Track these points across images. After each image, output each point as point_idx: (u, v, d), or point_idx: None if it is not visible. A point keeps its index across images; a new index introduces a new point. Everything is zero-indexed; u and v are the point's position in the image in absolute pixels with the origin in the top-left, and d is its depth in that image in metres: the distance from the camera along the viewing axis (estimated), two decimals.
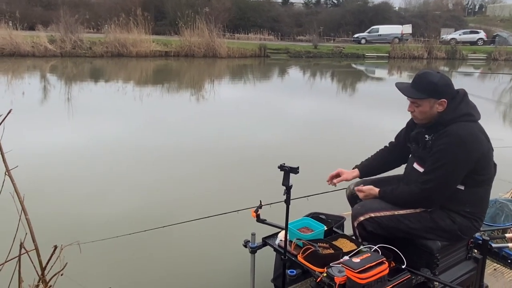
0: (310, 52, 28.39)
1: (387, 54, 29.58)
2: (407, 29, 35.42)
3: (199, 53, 23.87)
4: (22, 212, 1.54)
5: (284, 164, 2.13)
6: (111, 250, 3.39)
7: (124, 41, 22.01)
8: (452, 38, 34.53)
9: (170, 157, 6.14)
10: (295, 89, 14.55)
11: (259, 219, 2.45)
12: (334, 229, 2.55)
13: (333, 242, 2.27)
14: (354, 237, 2.35)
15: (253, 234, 2.45)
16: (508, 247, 2.95)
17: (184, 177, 5.32)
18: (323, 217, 2.65)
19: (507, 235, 3.13)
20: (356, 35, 35.17)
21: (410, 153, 2.40)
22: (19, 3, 28.29)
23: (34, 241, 1.56)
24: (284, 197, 2.17)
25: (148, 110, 9.84)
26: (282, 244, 2.28)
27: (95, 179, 5.12)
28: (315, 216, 2.64)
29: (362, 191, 2.37)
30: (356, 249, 2.16)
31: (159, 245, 3.60)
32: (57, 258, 1.58)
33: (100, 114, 8.89)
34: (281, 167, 2.13)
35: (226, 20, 30.08)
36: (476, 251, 2.48)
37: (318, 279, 2.03)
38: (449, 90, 2.14)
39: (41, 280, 1.62)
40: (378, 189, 2.30)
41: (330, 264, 2.02)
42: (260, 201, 2.45)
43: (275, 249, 2.43)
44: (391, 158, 2.55)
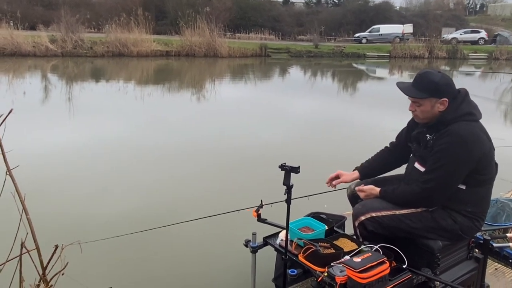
0: (311, 51, 28.37)
1: (388, 54, 29.56)
2: (408, 28, 35.37)
3: (200, 53, 23.88)
4: (23, 211, 1.55)
5: (285, 163, 2.13)
6: (112, 249, 3.40)
7: (125, 41, 22.03)
8: (453, 38, 34.49)
9: (171, 157, 6.14)
10: (296, 88, 14.54)
11: (260, 219, 2.44)
12: (335, 228, 2.55)
13: (334, 242, 2.27)
14: (355, 237, 2.35)
15: (254, 234, 2.45)
16: (509, 246, 2.94)
17: (185, 176, 5.32)
18: (324, 216, 2.65)
19: (508, 235, 3.12)
20: (357, 35, 35.12)
21: (411, 153, 2.40)
22: (20, 3, 28.31)
23: (35, 240, 1.56)
24: (285, 197, 2.17)
25: (149, 110, 9.85)
26: (283, 244, 2.28)
27: (96, 178, 5.13)
28: (316, 215, 2.64)
29: (363, 191, 2.36)
30: (357, 249, 2.16)
31: (160, 245, 3.60)
32: (58, 258, 1.58)
33: (101, 113, 8.90)
34: (282, 167, 2.13)
35: (227, 19, 30.07)
36: (477, 250, 2.48)
37: (319, 279, 2.03)
38: (450, 90, 2.14)
39: (42, 279, 1.63)
40: (379, 189, 2.30)
41: (331, 264, 2.02)
42: (261, 200, 2.45)
43: (276, 249, 2.43)
44: (392, 158, 2.54)
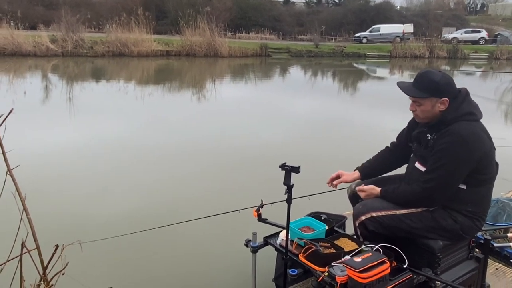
0: (312, 51, 28.36)
1: (389, 54, 29.54)
2: (408, 28, 35.35)
3: (201, 53, 23.88)
4: (24, 211, 1.55)
5: (285, 163, 2.13)
6: (113, 249, 3.40)
7: (126, 41, 22.04)
8: (453, 37, 34.47)
9: (172, 157, 6.14)
10: (296, 88, 14.54)
11: (260, 219, 2.44)
12: (336, 228, 2.55)
13: (335, 242, 2.27)
14: (355, 237, 2.35)
15: (254, 234, 2.45)
16: (510, 246, 2.94)
17: (185, 176, 5.32)
18: (325, 216, 2.65)
19: (509, 235, 3.12)
20: (357, 34, 35.10)
21: (411, 152, 2.39)
22: (20, 3, 28.33)
23: (35, 240, 1.56)
24: (286, 197, 2.17)
25: (150, 110, 9.85)
26: (284, 244, 2.28)
27: (96, 178, 5.13)
28: (316, 215, 2.64)
29: (363, 190, 2.36)
30: (357, 249, 2.16)
31: (161, 245, 3.60)
32: (59, 258, 1.58)
33: (101, 113, 8.90)
34: (283, 167, 2.13)
35: (227, 19, 30.05)
36: (477, 250, 2.48)
37: (320, 279, 2.03)
38: (450, 89, 2.14)
39: (42, 279, 1.63)
40: (379, 189, 2.30)
41: (332, 264, 2.02)
42: (262, 200, 2.45)
43: (276, 249, 2.43)
44: (393, 158, 2.54)
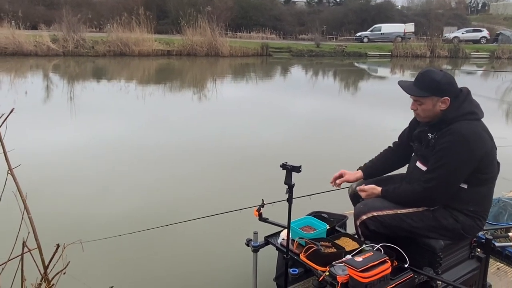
0: (313, 51, 28.33)
1: (390, 53, 29.50)
2: (409, 27, 35.30)
3: (201, 52, 23.87)
4: (25, 211, 1.55)
5: (286, 162, 2.13)
6: (114, 249, 3.40)
7: (127, 40, 22.04)
8: (455, 37, 34.43)
9: (172, 156, 6.15)
10: (297, 88, 14.53)
11: (261, 218, 2.44)
12: (337, 228, 2.55)
13: (336, 241, 2.27)
14: (356, 236, 2.35)
15: (255, 233, 2.45)
16: (511, 246, 2.94)
17: (186, 176, 5.33)
18: (326, 216, 2.65)
19: (510, 234, 3.11)
20: (358, 34, 35.05)
21: (413, 152, 2.39)
22: (21, 3, 28.37)
23: (36, 239, 1.56)
24: (287, 196, 2.16)
25: (151, 109, 9.85)
26: (285, 243, 2.28)
27: (97, 178, 5.13)
28: (317, 215, 2.63)
29: (364, 190, 2.36)
30: (358, 248, 2.16)
31: (162, 244, 3.61)
32: (60, 257, 1.58)
33: (102, 113, 8.90)
34: (284, 166, 2.13)
35: (228, 19, 30.05)
36: (479, 250, 2.47)
37: (321, 278, 2.03)
38: (452, 88, 2.13)
39: (43, 278, 1.63)
40: (380, 188, 2.29)
41: (333, 263, 2.02)
42: (263, 200, 2.45)
43: (277, 248, 2.43)
44: (395, 158, 2.54)
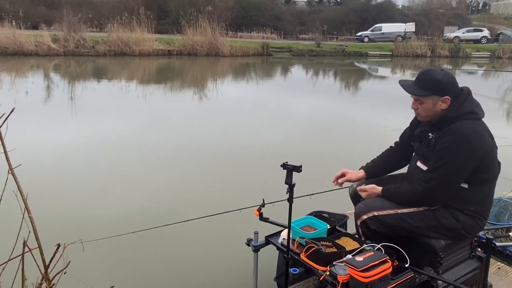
0: (313, 50, 28.31)
1: (390, 53, 29.47)
2: (410, 27, 35.27)
3: (202, 52, 23.86)
4: (25, 210, 1.55)
5: (287, 162, 2.13)
6: (114, 248, 3.40)
7: (127, 40, 22.04)
8: (455, 36, 34.39)
9: (173, 156, 6.15)
10: (298, 87, 14.53)
11: (262, 218, 2.44)
12: (337, 227, 2.55)
13: (336, 241, 2.27)
14: (357, 236, 2.35)
15: (256, 233, 2.45)
16: None
17: (186, 175, 5.33)
18: (326, 215, 2.65)
19: (511, 234, 3.11)
20: (359, 34, 35.01)
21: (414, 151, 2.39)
22: (22, 3, 28.36)
23: (37, 239, 1.56)
24: (287, 196, 2.16)
25: (151, 109, 9.85)
26: (285, 243, 2.28)
27: (98, 177, 5.14)
28: (318, 214, 2.63)
29: (364, 190, 2.36)
30: (359, 248, 2.16)
31: (162, 244, 3.61)
32: (60, 257, 1.58)
33: (103, 113, 8.91)
34: (284, 166, 2.13)
35: (229, 18, 30.05)
36: (480, 250, 2.47)
37: (321, 278, 2.03)
38: (452, 88, 2.13)
39: (44, 278, 1.63)
40: (380, 188, 2.29)
41: (333, 263, 2.02)
42: (263, 199, 2.45)
43: (278, 248, 2.43)
44: (396, 158, 2.53)
